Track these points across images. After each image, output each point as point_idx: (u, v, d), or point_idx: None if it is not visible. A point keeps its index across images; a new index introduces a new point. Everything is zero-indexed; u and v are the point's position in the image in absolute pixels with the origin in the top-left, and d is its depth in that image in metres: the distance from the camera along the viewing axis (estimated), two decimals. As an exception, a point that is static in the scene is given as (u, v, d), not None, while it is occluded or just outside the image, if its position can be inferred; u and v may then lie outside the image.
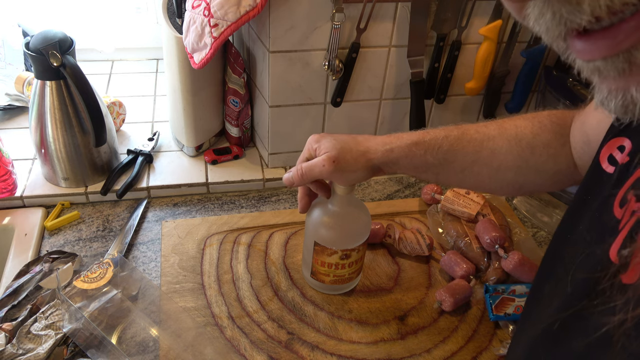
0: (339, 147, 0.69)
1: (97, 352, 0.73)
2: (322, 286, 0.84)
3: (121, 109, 1.14)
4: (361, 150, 0.69)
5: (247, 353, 0.76)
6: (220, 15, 0.87)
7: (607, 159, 0.46)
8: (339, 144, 0.69)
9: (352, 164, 0.69)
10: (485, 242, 0.88)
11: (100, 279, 0.78)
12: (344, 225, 0.78)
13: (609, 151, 0.46)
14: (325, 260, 0.79)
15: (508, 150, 0.67)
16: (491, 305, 0.83)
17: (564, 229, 0.52)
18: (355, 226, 0.78)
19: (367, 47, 0.95)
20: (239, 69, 1.01)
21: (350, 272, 0.82)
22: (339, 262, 0.79)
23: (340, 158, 0.68)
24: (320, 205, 0.78)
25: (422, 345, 0.79)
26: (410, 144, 0.69)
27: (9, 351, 0.70)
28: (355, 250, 0.79)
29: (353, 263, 0.80)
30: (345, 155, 0.68)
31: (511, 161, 0.68)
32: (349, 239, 0.78)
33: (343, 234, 0.77)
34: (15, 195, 0.96)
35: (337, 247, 0.77)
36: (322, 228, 0.77)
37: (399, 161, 0.69)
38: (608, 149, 0.46)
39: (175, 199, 1.02)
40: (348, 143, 0.69)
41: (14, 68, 1.18)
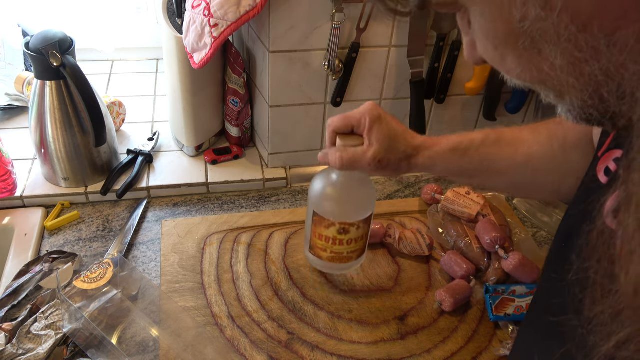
0: (387, 146, 0.68)
1: (97, 352, 0.73)
2: (319, 263, 0.81)
3: (121, 109, 1.14)
4: (407, 152, 0.69)
5: (247, 353, 0.76)
6: (220, 15, 0.87)
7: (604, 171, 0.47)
8: (389, 141, 0.68)
9: (394, 165, 0.69)
10: (486, 243, 0.88)
11: (100, 279, 0.78)
12: (344, 197, 0.75)
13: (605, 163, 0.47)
14: (323, 232, 0.76)
15: (542, 154, 0.68)
16: (491, 305, 0.83)
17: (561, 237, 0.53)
18: (356, 199, 0.76)
19: (367, 47, 0.95)
20: (239, 69, 1.01)
21: (349, 250, 0.78)
22: (336, 236, 0.76)
23: (385, 159, 0.68)
24: (324, 173, 0.76)
25: (422, 345, 0.79)
26: (448, 150, 0.69)
27: (9, 351, 0.70)
28: (355, 226, 0.75)
29: (352, 241, 0.77)
30: (390, 156, 0.68)
31: (545, 164, 0.68)
32: (348, 212, 0.75)
33: (342, 205, 0.75)
34: (15, 195, 0.96)
35: (335, 219, 0.74)
36: (322, 197, 0.75)
37: (436, 166, 0.70)
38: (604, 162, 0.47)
39: (175, 199, 1.02)
40: (397, 142, 0.68)
41: (14, 68, 1.18)
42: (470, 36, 0.39)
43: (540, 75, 0.35)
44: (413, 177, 1.12)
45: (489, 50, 0.37)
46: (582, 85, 0.33)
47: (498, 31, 0.35)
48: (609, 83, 0.32)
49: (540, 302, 0.56)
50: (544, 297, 0.54)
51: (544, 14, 0.31)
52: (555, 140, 0.68)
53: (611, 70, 0.31)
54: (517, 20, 0.32)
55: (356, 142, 0.69)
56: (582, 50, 0.31)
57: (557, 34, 0.31)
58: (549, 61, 0.33)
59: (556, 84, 0.34)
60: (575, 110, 0.35)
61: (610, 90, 0.32)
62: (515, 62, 0.35)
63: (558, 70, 0.33)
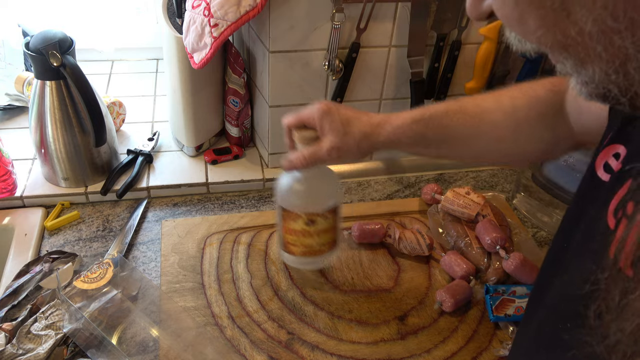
0: (341, 132, 0.69)
1: (97, 352, 0.73)
2: (293, 259, 0.81)
3: (121, 109, 1.14)
4: (364, 132, 0.69)
5: (247, 353, 0.76)
6: (220, 15, 0.87)
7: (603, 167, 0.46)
8: (342, 126, 0.69)
9: (353, 149, 0.70)
10: (486, 243, 0.88)
11: (100, 279, 0.78)
12: (307, 189, 0.76)
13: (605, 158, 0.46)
14: (292, 226, 0.77)
15: (505, 123, 0.68)
16: (491, 306, 0.83)
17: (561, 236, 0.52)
18: (319, 190, 0.77)
19: (367, 47, 0.95)
20: (239, 69, 1.01)
21: (320, 243, 0.78)
22: (305, 228, 0.76)
23: (344, 145, 0.69)
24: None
25: (422, 345, 0.79)
26: (412, 122, 0.69)
27: (9, 351, 0.70)
28: (322, 216, 0.76)
29: (321, 232, 0.77)
30: (348, 141, 0.69)
31: (510, 133, 0.68)
32: (312, 202, 0.76)
33: (306, 196, 0.76)
34: (15, 195, 0.96)
35: (301, 211, 0.75)
36: (287, 192, 0.76)
37: (401, 140, 0.70)
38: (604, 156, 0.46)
39: (175, 199, 1.02)
40: (351, 125, 0.69)
41: (14, 68, 1.18)
42: None
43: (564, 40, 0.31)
44: (413, 177, 1.12)
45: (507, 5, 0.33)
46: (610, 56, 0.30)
47: None
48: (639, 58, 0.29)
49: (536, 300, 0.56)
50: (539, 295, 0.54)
51: None
52: (518, 109, 0.68)
53: None
54: None
55: (313, 133, 0.71)
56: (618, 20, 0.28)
57: None
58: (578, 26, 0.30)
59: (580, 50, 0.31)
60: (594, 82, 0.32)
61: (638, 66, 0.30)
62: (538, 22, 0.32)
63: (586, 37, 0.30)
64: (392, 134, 0.69)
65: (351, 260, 0.91)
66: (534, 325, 0.52)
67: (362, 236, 0.93)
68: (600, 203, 0.43)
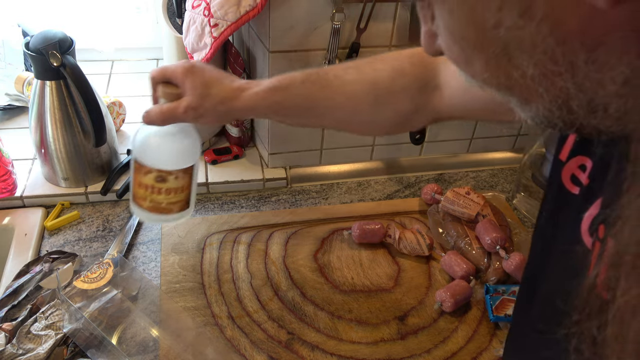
0: (200, 94, 0.68)
1: (97, 352, 0.73)
2: (140, 213, 0.79)
3: (121, 109, 1.14)
4: (223, 96, 0.69)
5: (247, 353, 0.76)
6: (220, 15, 0.87)
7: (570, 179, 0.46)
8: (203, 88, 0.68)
9: (211, 112, 0.69)
10: (486, 243, 0.88)
11: (100, 279, 0.78)
12: (162, 145, 0.74)
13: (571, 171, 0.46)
14: (141, 180, 0.75)
15: (365, 95, 0.68)
16: (491, 306, 0.83)
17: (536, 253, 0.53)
18: (175, 147, 0.75)
19: (367, 47, 0.95)
20: (239, 69, 1.01)
21: (169, 201, 0.77)
22: (154, 184, 0.75)
23: (201, 107, 0.68)
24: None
25: (422, 345, 0.79)
26: (268, 89, 0.68)
27: (9, 351, 0.70)
28: (173, 175, 0.74)
29: (171, 190, 0.76)
30: (205, 103, 0.68)
31: (368, 105, 0.68)
32: (165, 160, 0.74)
33: (159, 152, 0.74)
34: (15, 195, 0.96)
35: (152, 166, 0.73)
36: (141, 144, 0.74)
37: (258, 108, 0.69)
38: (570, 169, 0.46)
39: (175, 199, 1.02)
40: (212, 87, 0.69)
41: (14, 68, 1.18)
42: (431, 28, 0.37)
43: (508, 82, 0.32)
44: (413, 177, 1.12)
45: (453, 50, 0.34)
46: (552, 96, 0.31)
47: (467, 34, 0.32)
48: (581, 97, 0.30)
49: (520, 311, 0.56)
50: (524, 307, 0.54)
51: (522, 22, 0.28)
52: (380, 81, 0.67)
53: (586, 86, 0.29)
54: (490, 26, 0.30)
55: (175, 89, 0.70)
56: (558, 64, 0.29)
57: (533, 44, 0.29)
58: (520, 69, 0.31)
59: (524, 91, 0.32)
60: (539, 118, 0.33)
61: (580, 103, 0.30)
62: (483, 66, 0.33)
63: (529, 79, 0.31)
64: (250, 100, 0.68)
65: (351, 260, 0.91)
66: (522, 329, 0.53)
67: (362, 236, 0.93)
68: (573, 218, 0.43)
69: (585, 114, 0.31)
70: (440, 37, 0.35)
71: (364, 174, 1.11)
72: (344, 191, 1.07)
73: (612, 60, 0.28)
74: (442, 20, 0.34)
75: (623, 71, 0.28)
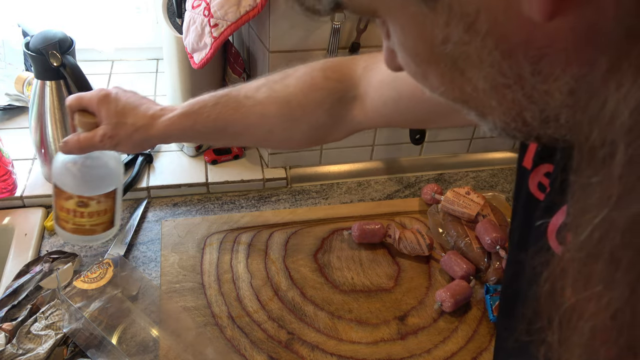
0: (115, 124, 0.69)
1: (97, 352, 0.73)
2: (64, 234, 0.80)
3: (121, 109, 1.14)
4: (138, 125, 0.69)
5: (247, 353, 0.76)
6: (220, 15, 0.87)
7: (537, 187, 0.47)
8: (117, 117, 0.69)
9: (127, 141, 0.70)
10: (486, 243, 0.88)
11: (100, 279, 0.78)
12: (82, 171, 0.76)
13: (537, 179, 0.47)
14: (63, 204, 0.76)
15: (278, 112, 0.68)
16: (491, 306, 0.83)
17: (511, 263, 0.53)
18: (95, 173, 0.77)
19: (367, 47, 0.95)
20: (239, 69, 1.01)
21: (92, 223, 0.78)
22: (76, 209, 0.76)
23: (116, 135, 0.69)
24: None
25: (422, 345, 0.79)
26: (180, 115, 0.69)
27: (9, 351, 0.70)
28: (95, 200, 0.76)
29: (94, 214, 0.77)
30: (120, 132, 0.69)
31: (282, 122, 0.68)
32: (85, 186, 0.75)
33: (79, 179, 0.76)
34: (15, 195, 0.96)
35: (72, 192, 0.75)
36: (60, 170, 0.75)
37: (173, 135, 0.70)
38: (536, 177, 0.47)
39: (175, 199, 1.02)
40: (126, 116, 0.69)
41: (14, 68, 1.18)
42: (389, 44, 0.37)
43: (462, 96, 0.33)
44: (413, 177, 1.12)
45: (410, 65, 0.35)
46: (505, 108, 0.32)
47: (419, 50, 0.33)
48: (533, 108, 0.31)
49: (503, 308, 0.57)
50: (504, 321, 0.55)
51: (467, 37, 0.29)
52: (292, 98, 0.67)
53: (535, 97, 0.30)
54: (439, 41, 0.30)
55: (92, 118, 0.70)
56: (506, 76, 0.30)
57: (480, 58, 0.29)
58: (472, 83, 0.31)
59: (478, 104, 0.33)
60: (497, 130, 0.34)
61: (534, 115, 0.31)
62: (438, 80, 0.33)
63: (481, 93, 0.31)
64: (164, 128, 0.69)
65: (351, 260, 0.91)
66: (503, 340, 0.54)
67: (362, 236, 0.93)
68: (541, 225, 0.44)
69: (539, 124, 0.31)
70: (398, 54, 0.36)
71: (364, 174, 1.11)
72: (344, 191, 1.07)
73: (556, 71, 0.28)
74: (395, 37, 0.34)
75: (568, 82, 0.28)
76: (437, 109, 0.61)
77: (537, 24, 0.27)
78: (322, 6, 0.34)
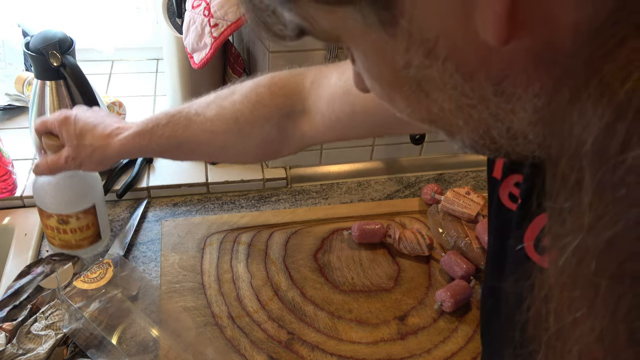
0: (75, 146, 0.72)
1: (97, 352, 0.73)
2: (55, 249, 0.86)
3: (121, 109, 1.14)
4: (95, 145, 0.71)
5: (247, 353, 0.76)
6: (220, 15, 0.87)
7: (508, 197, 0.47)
8: (77, 139, 0.72)
9: (88, 161, 0.73)
10: (486, 243, 0.88)
11: (100, 279, 0.78)
12: (58, 190, 0.80)
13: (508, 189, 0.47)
14: (47, 222, 0.82)
15: (227, 129, 0.69)
16: (491, 305, 0.83)
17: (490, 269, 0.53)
18: (71, 192, 0.81)
19: (367, 47, 0.95)
20: (239, 69, 1.01)
21: (77, 238, 0.83)
22: (58, 226, 0.81)
23: (78, 157, 0.72)
24: None
25: (422, 345, 0.79)
26: (134, 135, 0.70)
27: (9, 351, 0.70)
28: (73, 217, 0.80)
29: (76, 230, 0.82)
30: (81, 153, 0.72)
31: (233, 138, 0.70)
32: (63, 205, 0.80)
33: (56, 198, 0.80)
34: (15, 195, 0.96)
35: (51, 211, 0.80)
36: (37, 190, 0.80)
37: (129, 153, 0.72)
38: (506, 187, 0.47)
39: (175, 199, 1.02)
40: (84, 138, 0.72)
41: (14, 68, 1.18)
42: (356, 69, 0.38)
43: (429, 116, 0.33)
44: (413, 177, 1.12)
45: (376, 88, 0.35)
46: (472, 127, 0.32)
47: (383, 74, 0.33)
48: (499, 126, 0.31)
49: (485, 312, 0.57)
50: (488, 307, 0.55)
51: (428, 62, 0.29)
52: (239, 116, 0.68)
53: (501, 115, 0.30)
54: (401, 66, 0.30)
55: (57, 141, 0.74)
56: (469, 97, 0.30)
57: (443, 81, 0.30)
58: (437, 104, 0.32)
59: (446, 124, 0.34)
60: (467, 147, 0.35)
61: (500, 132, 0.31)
62: (405, 102, 0.34)
63: (447, 113, 0.32)
64: (119, 147, 0.71)
65: (351, 260, 0.91)
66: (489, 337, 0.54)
67: (362, 236, 0.93)
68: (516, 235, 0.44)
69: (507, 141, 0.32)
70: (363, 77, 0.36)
71: (364, 174, 1.11)
72: (344, 191, 1.07)
73: (518, 91, 0.29)
74: (360, 62, 0.35)
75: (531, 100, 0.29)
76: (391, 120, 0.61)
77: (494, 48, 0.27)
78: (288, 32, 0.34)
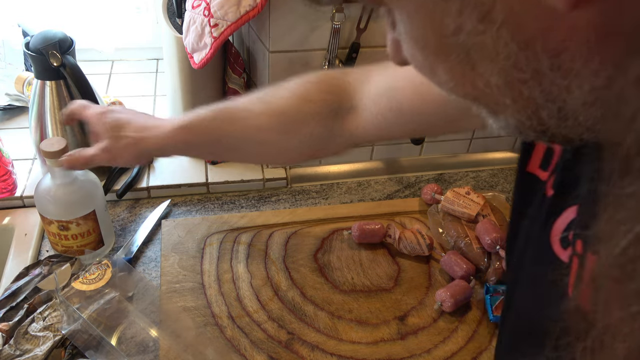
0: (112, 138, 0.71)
1: (95, 353, 0.73)
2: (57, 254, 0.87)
3: (121, 109, 1.14)
4: (132, 137, 0.70)
5: (247, 353, 0.76)
6: (220, 15, 0.87)
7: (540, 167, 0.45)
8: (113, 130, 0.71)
9: (123, 155, 0.72)
10: (486, 243, 0.88)
11: (98, 280, 0.78)
12: (58, 197, 0.80)
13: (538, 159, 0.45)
14: (48, 229, 0.83)
15: (272, 125, 0.68)
16: (491, 306, 0.83)
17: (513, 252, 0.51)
18: (69, 199, 0.81)
19: (367, 47, 0.95)
20: (239, 69, 1.01)
21: (79, 244, 0.84)
22: (59, 232, 0.82)
23: (114, 148, 0.71)
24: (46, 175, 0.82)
25: (422, 345, 0.79)
26: (177, 128, 0.69)
27: (7, 352, 0.70)
28: (74, 223, 0.81)
29: (77, 236, 0.82)
30: (117, 145, 0.71)
31: (277, 134, 0.69)
32: (63, 211, 0.80)
33: (55, 205, 0.80)
34: (15, 195, 0.96)
35: (52, 218, 0.80)
36: (38, 197, 0.81)
37: (167, 148, 0.71)
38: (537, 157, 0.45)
39: (175, 199, 1.02)
40: (122, 130, 0.71)
41: (14, 68, 1.18)
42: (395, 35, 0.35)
43: (474, 92, 0.31)
44: (413, 177, 1.12)
45: (417, 58, 0.33)
46: (520, 106, 0.30)
47: (428, 40, 0.30)
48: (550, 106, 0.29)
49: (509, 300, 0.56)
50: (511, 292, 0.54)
51: (482, 27, 0.27)
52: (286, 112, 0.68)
53: (553, 93, 0.28)
54: (450, 31, 0.28)
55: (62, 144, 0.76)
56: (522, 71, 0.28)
57: (496, 50, 0.27)
58: (484, 78, 0.29)
59: (490, 102, 0.31)
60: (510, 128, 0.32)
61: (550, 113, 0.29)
62: (448, 75, 0.31)
63: (494, 89, 0.29)
64: (159, 141, 0.70)
65: (351, 260, 0.91)
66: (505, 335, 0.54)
67: (362, 236, 0.93)
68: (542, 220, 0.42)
69: (556, 123, 0.30)
70: (404, 46, 0.34)
71: (364, 174, 1.11)
72: (344, 191, 1.07)
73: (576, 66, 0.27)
74: (402, 26, 0.32)
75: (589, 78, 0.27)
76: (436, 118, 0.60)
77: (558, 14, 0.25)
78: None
